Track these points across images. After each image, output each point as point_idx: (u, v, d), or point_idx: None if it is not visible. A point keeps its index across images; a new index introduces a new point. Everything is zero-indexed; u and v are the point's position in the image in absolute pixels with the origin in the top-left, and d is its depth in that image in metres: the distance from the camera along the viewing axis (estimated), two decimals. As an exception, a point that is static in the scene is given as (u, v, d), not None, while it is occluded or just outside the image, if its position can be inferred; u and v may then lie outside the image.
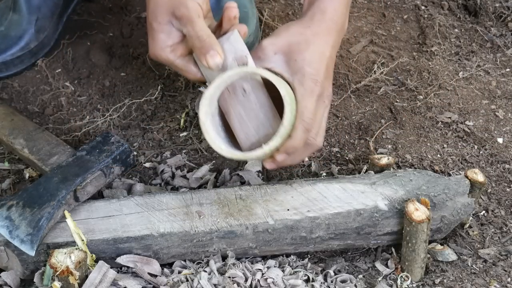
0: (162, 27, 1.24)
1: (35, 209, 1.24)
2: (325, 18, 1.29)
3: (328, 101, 1.29)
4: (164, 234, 1.26)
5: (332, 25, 1.30)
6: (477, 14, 1.93)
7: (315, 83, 1.23)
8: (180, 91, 1.66)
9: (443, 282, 1.32)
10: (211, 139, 1.21)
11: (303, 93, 1.22)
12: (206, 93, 1.21)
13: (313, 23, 1.28)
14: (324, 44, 1.27)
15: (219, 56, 1.20)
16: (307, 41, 1.25)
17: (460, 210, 1.33)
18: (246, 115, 1.26)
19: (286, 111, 1.18)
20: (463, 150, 1.58)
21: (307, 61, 1.24)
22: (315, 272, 1.32)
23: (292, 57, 1.24)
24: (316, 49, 1.26)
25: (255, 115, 1.26)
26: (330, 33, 1.29)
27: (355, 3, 1.94)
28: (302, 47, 1.25)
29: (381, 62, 1.76)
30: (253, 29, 1.68)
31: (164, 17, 1.24)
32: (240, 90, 1.25)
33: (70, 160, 1.34)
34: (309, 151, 1.29)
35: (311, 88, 1.23)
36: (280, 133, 1.18)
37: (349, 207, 1.30)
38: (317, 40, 1.26)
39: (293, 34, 1.27)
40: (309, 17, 1.29)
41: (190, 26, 1.21)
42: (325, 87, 1.26)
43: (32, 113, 1.62)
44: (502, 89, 1.73)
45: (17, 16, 1.69)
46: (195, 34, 1.21)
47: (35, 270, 1.25)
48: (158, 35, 1.25)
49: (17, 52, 1.68)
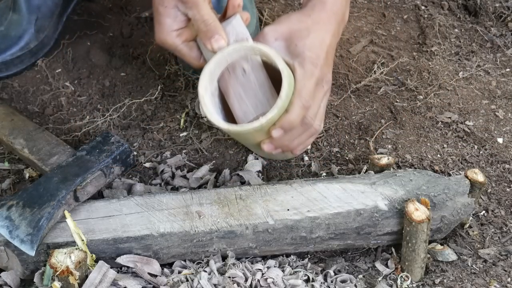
0: (169, 11, 1.26)
1: (35, 209, 1.24)
2: (326, 8, 1.31)
3: (327, 86, 1.31)
4: (164, 234, 1.26)
5: (333, 15, 1.32)
6: (477, 14, 1.93)
7: (315, 66, 1.25)
8: (180, 91, 1.66)
9: (443, 282, 1.32)
10: (209, 112, 1.23)
11: (303, 73, 1.24)
12: (206, 69, 1.23)
13: (313, 12, 1.31)
14: (324, 32, 1.29)
15: (224, 40, 1.23)
16: (307, 28, 1.28)
17: (460, 210, 1.33)
18: (245, 94, 1.27)
19: (284, 84, 1.19)
20: (463, 150, 1.58)
21: (307, 46, 1.26)
22: (315, 272, 1.32)
23: (293, 42, 1.27)
24: (317, 36, 1.28)
25: (254, 94, 1.27)
26: (330, 22, 1.31)
27: (355, 3, 1.94)
28: (303, 34, 1.27)
29: (381, 62, 1.76)
30: (253, 29, 1.68)
31: (170, 1, 1.25)
32: (240, 70, 1.27)
33: (70, 160, 1.34)
34: (307, 133, 1.31)
35: (311, 71, 1.25)
36: (277, 105, 1.20)
37: (349, 207, 1.30)
38: (317, 27, 1.29)
39: (294, 22, 1.29)
40: (309, 7, 1.32)
41: (196, 9, 1.23)
42: (325, 72, 1.28)
43: (32, 113, 1.62)
44: (502, 89, 1.73)
45: (17, 16, 1.69)
46: (201, 18, 1.23)
47: (35, 270, 1.25)
48: (164, 19, 1.27)
49: (17, 52, 1.68)
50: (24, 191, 1.28)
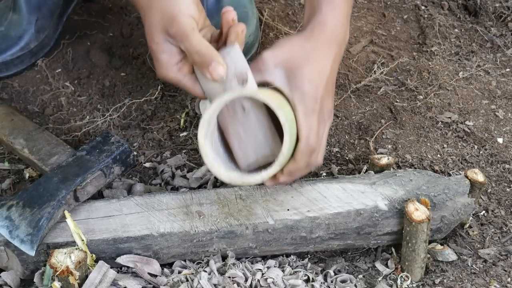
0: (162, 47, 1.21)
1: (35, 209, 1.24)
2: (325, 31, 1.28)
3: (328, 117, 1.28)
4: (164, 234, 1.26)
5: (333, 37, 1.28)
6: (477, 14, 1.93)
7: (315, 101, 1.22)
8: (180, 91, 1.66)
9: (443, 282, 1.32)
10: (210, 163, 1.19)
11: (305, 112, 1.22)
12: (205, 116, 1.18)
13: (313, 37, 1.27)
14: (324, 59, 1.26)
15: (222, 66, 1.17)
16: (307, 56, 1.24)
17: (460, 210, 1.33)
18: (245, 134, 1.25)
19: (286, 139, 1.16)
20: (463, 150, 1.58)
21: (307, 77, 1.23)
22: (315, 272, 1.32)
23: (292, 72, 1.23)
24: (316, 65, 1.25)
25: (254, 135, 1.25)
26: (330, 47, 1.28)
27: (355, 3, 1.94)
28: (302, 62, 1.24)
29: (381, 62, 1.76)
30: (253, 29, 1.68)
31: (160, 37, 1.21)
32: (239, 108, 1.24)
33: (70, 160, 1.34)
34: (309, 169, 1.30)
35: (312, 107, 1.22)
36: (279, 161, 1.18)
37: (349, 207, 1.30)
38: (317, 55, 1.25)
39: (294, 48, 1.26)
40: (309, 30, 1.28)
41: (187, 42, 1.18)
42: (324, 103, 1.25)
43: (32, 113, 1.62)
44: (502, 89, 1.74)
45: (17, 16, 1.69)
46: (193, 49, 1.18)
47: (35, 270, 1.25)
48: (160, 56, 1.22)
49: (17, 52, 1.68)
50: (24, 191, 1.28)
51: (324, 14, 1.29)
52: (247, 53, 1.66)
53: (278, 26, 1.82)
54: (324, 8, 1.29)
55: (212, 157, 1.20)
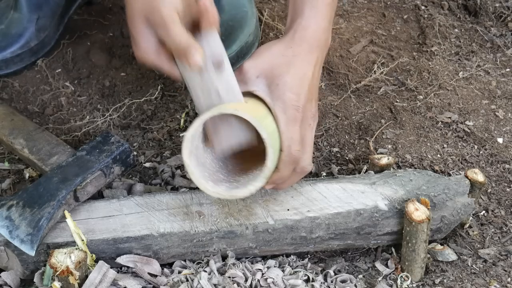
0: (141, 32, 1.20)
1: (35, 209, 1.24)
2: (307, 36, 1.27)
3: (313, 121, 1.27)
4: (164, 234, 1.26)
5: (315, 42, 1.27)
6: (477, 14, 1.93)
7: (297, 109, 1.21)
8: (180, 91, 1.66)
9: (443, 282, 1.32)
10: (197, 180, 1.19)
11: (286, 122, 1.21)
12: (188, 135, 1.18)
13: (294, 43, 1.26)
14: (306, 65, 1.25)
15: (199, 54, 1.15)
16: (288, 63, 1.23)
17: (460, 210, 1.33)
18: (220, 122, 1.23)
19: (269, 153, 1.16)
20: (463, 150, 1.58)
21: (288, 85, 1.22)
22: (315, 272, 1.32)
23: (274, 81, 1.22)
24: (298, 72, 1.24)
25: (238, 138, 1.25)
26: (312, 52, 1.27)
27: (355, 3, 1.94)
28: (283, 70, 1.23)
29: (381, 62, 1.76)
30: (253, 28, 1.68)
31: (140, 22, 1.20)
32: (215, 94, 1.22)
33: (70, 160, 1.34)
34: (299, 176, 1.29)
35: (294, 116, 1.21)
36: (264, 174, 1.17)
37: (349, 207, 1.30)
38: (298, 61, 1.24)
39: (275, 56, 1.25)
40: (290, 36, 1.27)
41: (165, 32, 1.17)
42: (307, 109, 1.24)
43: (32, 113, 1.62)
44: (502, 89, 1.74)
45: (18, 14, 1.69)
46: (171, 40, 1.17)
47: (35, 270, 1.25)
48: (139, 40, 1.21)
49: (17, 50, 1.68)
50: (24, 191, 1.28)
51: (306, 18, 1.27)
52: (247, 53, 1.66)
53: (278, 26, 1.82)
54: (307, 12, 1.28)
55: (198, 175, 1.19)
